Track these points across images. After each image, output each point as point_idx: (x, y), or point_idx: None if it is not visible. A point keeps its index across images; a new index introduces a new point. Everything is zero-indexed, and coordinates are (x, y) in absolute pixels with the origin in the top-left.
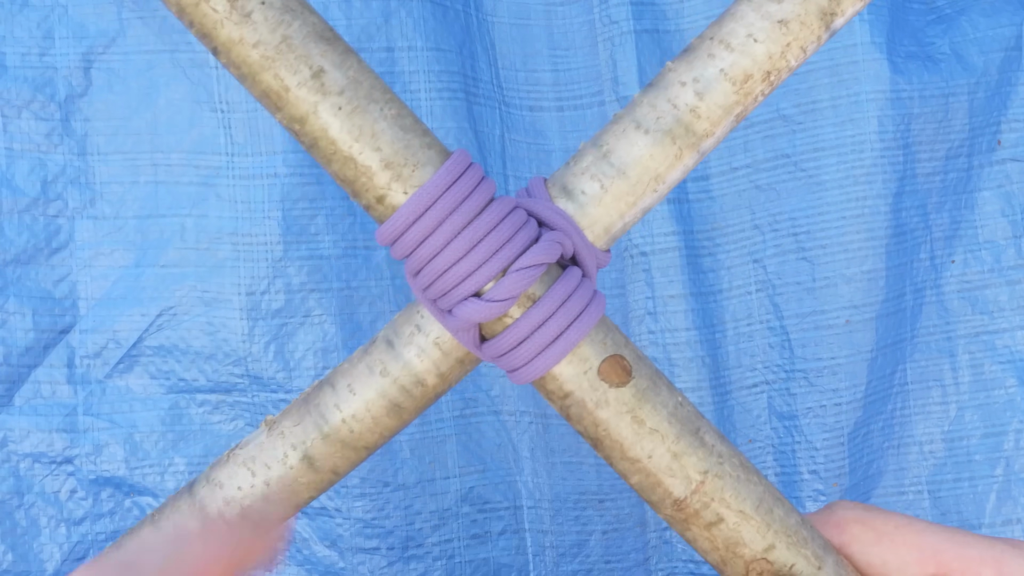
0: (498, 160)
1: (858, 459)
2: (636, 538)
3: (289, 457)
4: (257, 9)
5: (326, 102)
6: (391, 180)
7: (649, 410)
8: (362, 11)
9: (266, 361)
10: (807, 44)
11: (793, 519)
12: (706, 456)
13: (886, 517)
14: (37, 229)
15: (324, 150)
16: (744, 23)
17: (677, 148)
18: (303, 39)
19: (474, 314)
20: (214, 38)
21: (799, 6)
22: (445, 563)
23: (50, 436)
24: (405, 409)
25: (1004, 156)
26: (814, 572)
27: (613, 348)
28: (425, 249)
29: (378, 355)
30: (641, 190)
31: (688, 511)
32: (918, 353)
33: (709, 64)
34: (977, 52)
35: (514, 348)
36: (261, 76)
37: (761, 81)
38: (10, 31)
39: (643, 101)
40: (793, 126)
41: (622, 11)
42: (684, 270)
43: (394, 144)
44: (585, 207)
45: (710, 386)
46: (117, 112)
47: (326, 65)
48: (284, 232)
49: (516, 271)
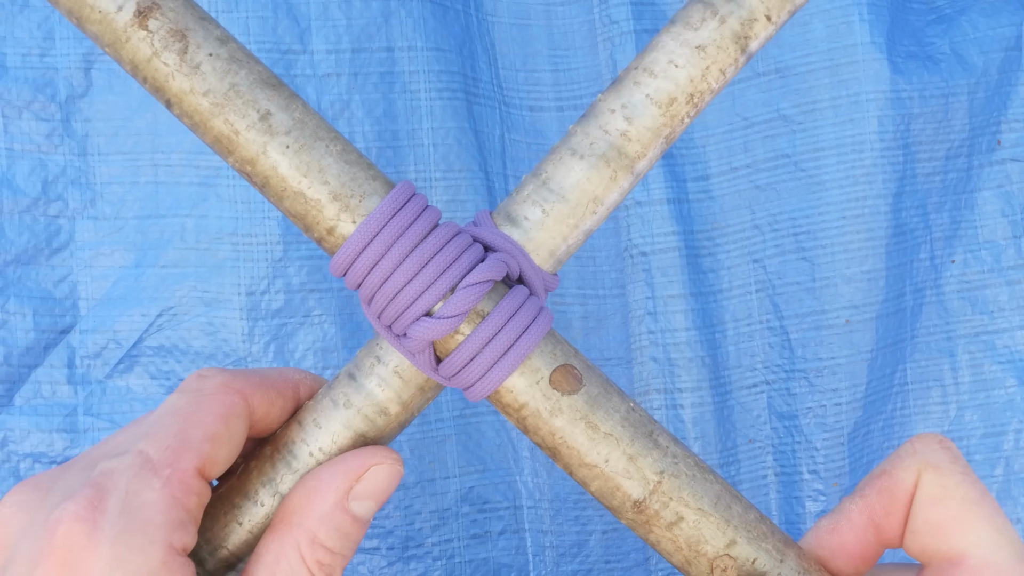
0: (498, 160)
1: (858, 459)
2: (636, 538)
3: (260, 495)
4: (205, 61)
5: (274, 142)
6: (340, 211)
7: (602, 415)
8: (362, 11)
9: (266, 361)
10: (725, 67)
11: (752, 515)
12: (661, 457)
13: (964, 483)
14: (38, 229)
15: (275, 187)
16: (665, 51)
17: (612, 171)
18: (250, 85)
19: (427, 332)
20: (166, 91)
21: (715, 32)
22: (445, 563)
23: (50, 436)
24: (370, 439)
25: (1004, 156)
26: (776, 565)
27: (563, 358)
28: (376, 275)
29: (341, 388)
30: (581, 212)
31: (648, 512)
32: (918, 353)
33: (635, 91)
34: (977, 52)
35: (467, 364)
36: (212, 122)
37: (686, 103)
38: (11, 32)
39: (577, 131)
40: (793, 126)
41: (622, 11)
42: (684, 270)
43: (341, 177)
44: (529, 232)
45: (710, 386)
46: (117, 112)
47: (272, 108)
48: (284, 232)
49: (464, 288)
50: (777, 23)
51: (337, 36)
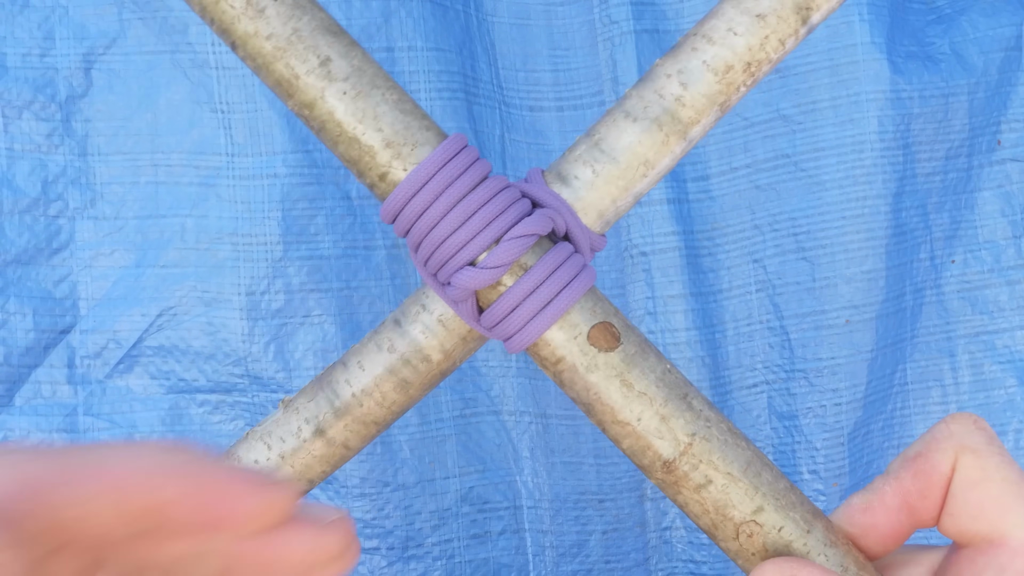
0: (498, 160)
1: (858, 459)
2: (636, 538)
3: (303, 431)
4: (270, 5)
5: (332, 88)
6: (392, 158)
7: (637, 374)
8: (362, 11)
9: (266, 361)
10: (785, 37)
11: (782, 484)
12: (693, 419)
13: (1003, 465)
14: (38, 229)
15: (331, 132)
16: (724, 19)
17: (664, 135)
18: (311, 32)
19: (469, 281)
20: (232, 33)
21: (776, 1)
22: (445, 563)
23: (50, 436)
24: (412, 385)
25: (1004, 156)
26: (803, 535)
27: (602, 316)
28: (423, 222)
29: (386, 333)
30: (631, 175)
31: (677, 473)
32: (918, 353)
33: (692, 57)
34: (977, 52)
35: (508, 315)
36: (274, 66)
37: (742, 72)
38: (11, 32)
39: (632, 94)
40: (793, 126)
41: (622, 11)
42: (684, 270)
43: (394, 125)
44: (578, 191)
45: (710, 386)
46: (118, 113)
47: (332, 55)
48: (284, 232)
49: (508, 240)
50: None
51: None
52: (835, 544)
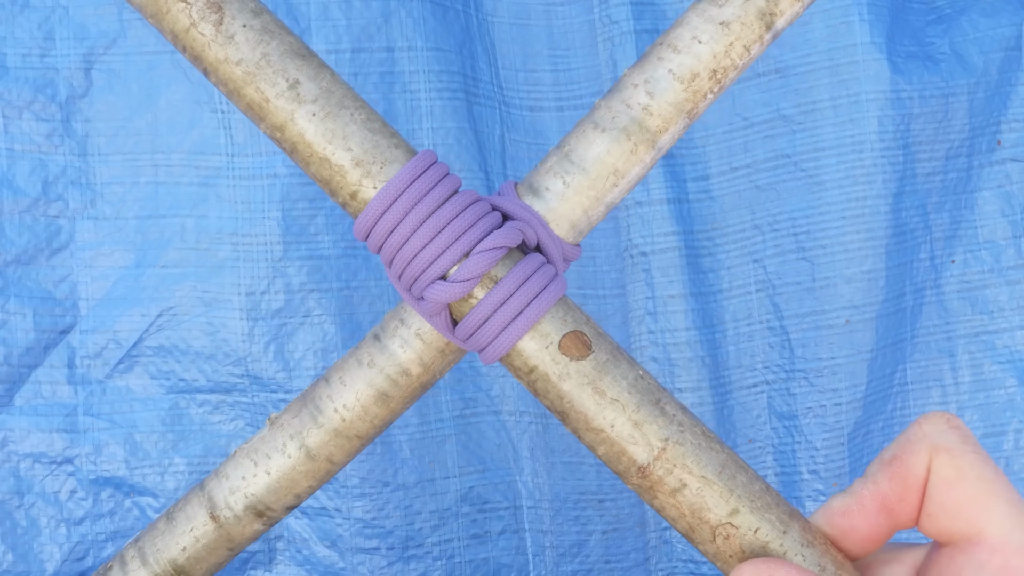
0: (498, 160)
1: (858, 459)
2: (636, 538)
3: (287, 447)
4: (239, 32)
5: (302, 110)
6: (362, 177)
7: (609, 382)
8: (362, 11)
9: (266, 361)
10: (750, 44)
11: (757, 485)
12: (666, 424)
13: (977, 463)
14: (38, 230)
15: (302, 153)
16: (689, 27)
17: (632, 144)
18: (280, 56)
19: (441, 295)
20: (203, 60)
21: (739, 8)
22: (445, 563)
23: (50, 436)
24: (392, 398)
25: (1004, 156)
26: (779, 536)
27: (573, 325)
28: (395, 238)
29: (366, 349)
30: (601, 185)
31: (652, 478)
32: (918, 353)
33: (659, 66)
34: (977, 52)
35: (480, 327)
36: (244, 90)
37: (708, 79)
38: (11, 32)
39: (601, 105)
40: (793, 126)
41: (622, 11)
42: (684, 270)
43: (364, 144)
44: (550, 203)
45: (710, 386)
46: (118, 113)
47: (301, 77)
48: (284, 232)
49: (477, 253)
50: (804, 2)
51: (337, 36)
52: (812, 544)
